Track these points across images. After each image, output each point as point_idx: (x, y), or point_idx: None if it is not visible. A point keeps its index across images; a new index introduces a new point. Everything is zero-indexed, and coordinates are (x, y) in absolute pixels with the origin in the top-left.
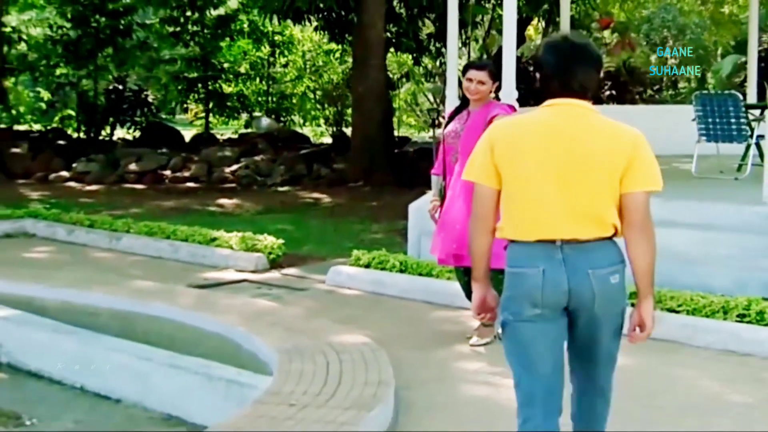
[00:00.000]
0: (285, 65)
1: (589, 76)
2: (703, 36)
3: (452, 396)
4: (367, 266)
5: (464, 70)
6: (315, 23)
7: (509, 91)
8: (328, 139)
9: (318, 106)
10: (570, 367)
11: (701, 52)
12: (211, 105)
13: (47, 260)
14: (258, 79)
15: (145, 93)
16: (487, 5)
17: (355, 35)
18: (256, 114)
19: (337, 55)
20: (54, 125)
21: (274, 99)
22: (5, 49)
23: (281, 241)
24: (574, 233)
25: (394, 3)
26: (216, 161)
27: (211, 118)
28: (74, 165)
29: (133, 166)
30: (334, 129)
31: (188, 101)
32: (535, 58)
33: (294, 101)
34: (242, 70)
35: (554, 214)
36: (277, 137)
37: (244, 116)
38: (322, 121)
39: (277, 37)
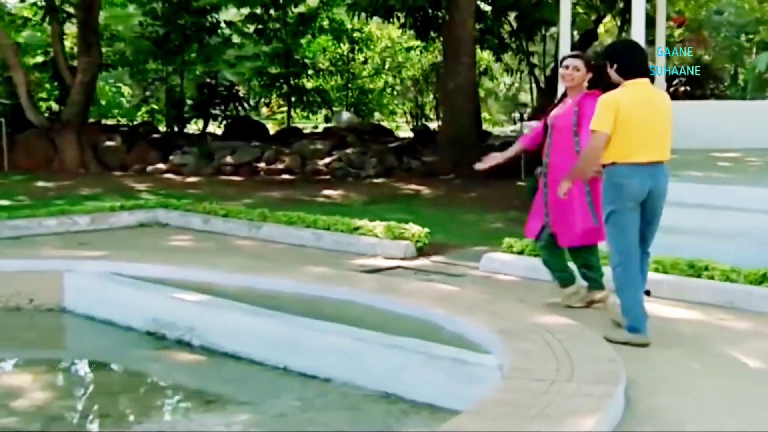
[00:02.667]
0: (364, 61)
1: (648, 65)
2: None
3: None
4: (520, 253)
5: (561, 61)
6: (402, 20)
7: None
8: (405, 133)
9: (396, 101)
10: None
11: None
12: (293, 100)
13: (194, 248)
14: (338, 75)
15: (236, 88)
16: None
17: (445, 32)
18: (336, 108)
19: (417, 51)
20: (140, 119)
21: (354, 94)
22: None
23: (427, 230)
24: (657, 157)
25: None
26: (308, 154)
27: (291, 113)
28: (171, 158)
29: (228, 159)
30: (415, 123)
31: (271, 96)
32: (613, 54)
33: (372, 96)
34: (322, 65)
35: (651, 146)
36: (363, 131)
37: (324, 111)
38: (401, 115)
39: (356, 34)
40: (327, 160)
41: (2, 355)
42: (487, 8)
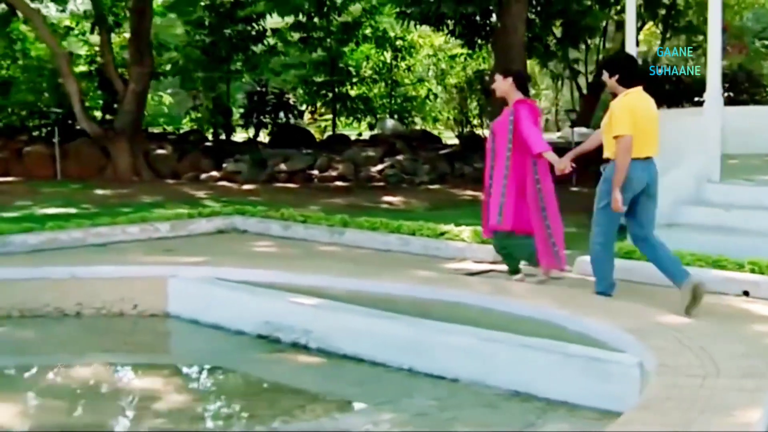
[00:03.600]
0: (409, 68)
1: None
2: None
3: None
4: None
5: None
6: (451, 28)
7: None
8: (449, 140)
9: (440, 109)
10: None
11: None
12: (337, 107)
13: (282, 254)
14: (382, 83)
15: (286, 96)
16: (610, 11)
17: (496, 40)
18: (380, 116)
19: (462, 59)
20: (186, 127)
21: (397, 101)
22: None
23: None
24: (653, 153)
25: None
26: (361, 161)
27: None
28: (224, 165)
29: (282, 166)
30: (460, 130)
31: (316, 104)
32: (615, 66)
33: (416, 104)
34: (366, 73)
35: (650, 144)
36: (411, 138)
37: (368, 118)
38: (444, 122)
39: (398, 42)
40: (380, 166)
41: (122, 360)
42: (535, 16)
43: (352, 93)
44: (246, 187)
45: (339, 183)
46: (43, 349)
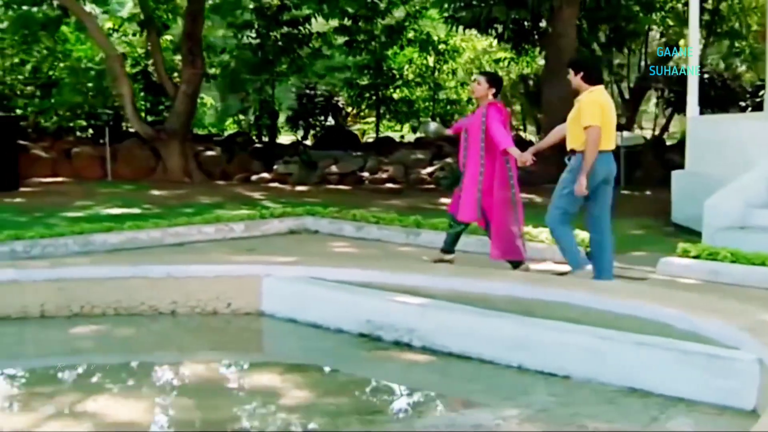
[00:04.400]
0: (453, 72)
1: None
2: None
3: None
4: (696, 257)
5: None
6: (499, 32)
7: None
8: None
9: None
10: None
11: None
12: (381, 110)
13: (362, 254)
14: (425, 86)
15: (336, 99)
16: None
17: (547, 44)
18: (423, 119)
19: (505, 63)
20: (228, 130)
21: (440, 104)
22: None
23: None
24: (613, 146)
25: None
26: (410, 163)
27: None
28: (275, 167)
29: (333, 168)
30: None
31: (361, 106)
32: (583, 65)
33: (459, 107)
34: (409, 76)
35: (611, 137)
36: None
37: (411, 121)
38: None
39: (441, 46)
40: (429, 169)
41: (228, 358)
42: (583, 21)
43: (396, 96)
44: (298, 188)
45: (389, 185)
46: (144, 347)
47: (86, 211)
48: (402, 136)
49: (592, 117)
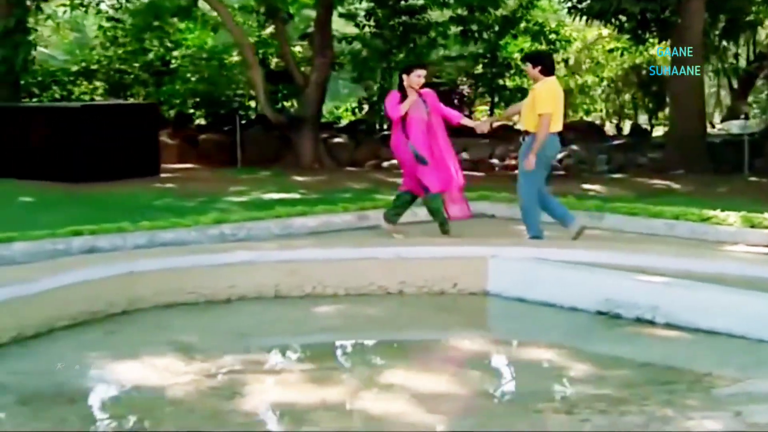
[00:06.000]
0: (566, 61)
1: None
2: None
3: None
4: None
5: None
6: (623, 22)
7: None
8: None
9: (594, 101)
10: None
11: None
12: (496, 99)
13: (557, 236)
14: None
15: (460, 87)
16: None
17: (673, 36)
18: None
19: (618, 53)
20: (345, 118)
21: None
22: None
23: None
24: (560, 128)
25: None
26: None
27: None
28: None
29: (464, 155)
30: (618, 122)
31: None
32: (539, 59)
33: (572, 96)
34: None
35: (560, 121)
36: (577, 128)
37: None
38: (598, 114)
39: (552, 36)
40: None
41: (477, 335)
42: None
43: (510, 85)
44: None
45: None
46: (393, 325)
47: (247, 196)
48: (514, 124)
49: (546, 105)
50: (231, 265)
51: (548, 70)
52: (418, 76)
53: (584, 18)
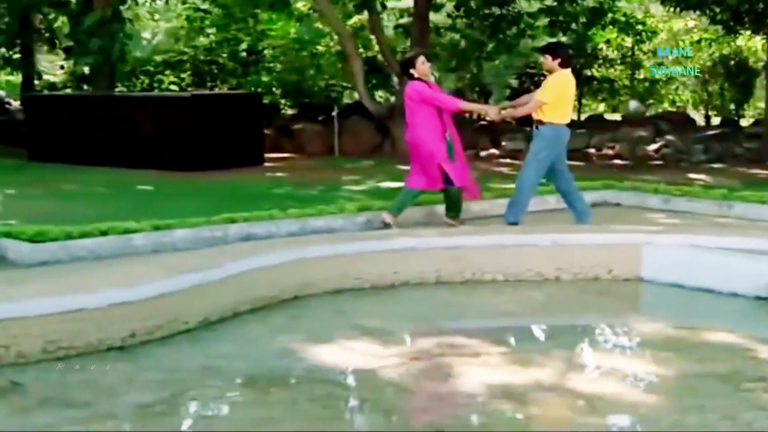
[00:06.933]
0: (654, 52)
1: None
2: None
3: None
4: None
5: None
6: (716, 13)
7: None
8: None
9: (680, 91)
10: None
11: None
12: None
13: (693, 224)
14: (624, 66)
15: None
16: None
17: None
18: (622, 98)
19: (706, 44)
20: None
21: (641, 84)
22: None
23: None
24: (569, 119)
25: None
26: (634, 140)
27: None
28: (503, 143)
29: None
30: (705, 112)
31: None
32: (559, 51)
33: (660, 86)
34: (608, 56)
35: (570, 112)
36: (669, 119)
37: (613, 99)
38: (685, 104)
39: (638, 27)
40: (653, 146)
41: (644, 319)
42: None
43: (597, 75)
44: None
45: (618, 161)
46: (563, 309)
47: (364, 185)
48: (601, 115)
49: (548, 95)
50: (395, 251)
51: (566, 62)
52: (423, 63)
53: (678, 9)
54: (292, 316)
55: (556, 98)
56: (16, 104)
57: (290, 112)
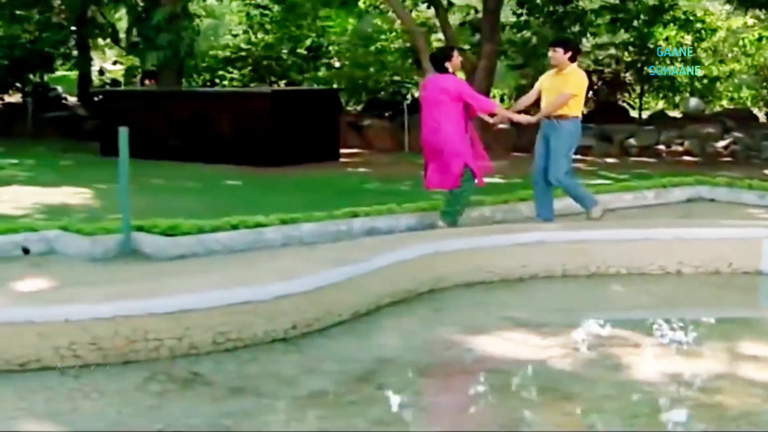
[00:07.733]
0: (714, 50)
1: None
2: None
3: None
4: None
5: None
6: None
7: None
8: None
9: (740, 88)
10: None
11: None
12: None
13: None
14: (684, 63)
15: (623, 75)
16: None
17: None
18: (682, 95)
19: (766, 41)
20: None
21: (701, 81)
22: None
23: None
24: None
25: None
26: (702, 137)
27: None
28: None
29: (631, 141)
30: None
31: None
32: (570, 45)
33: (721, 83)
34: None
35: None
36: (734, 116)
37: (674, 96)
38: (745, 101)
39: (697, 25)
40: (722, 143)
41: None
42: None
43: (658, 72)
44: (609, 160)
45: (687, 158)
46: (691, 302)
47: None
48: (663, 111)
49: (576, 88)
50: (524, 245)
51: (575, 57)
52: (457, 57)
53: (745, 6)
54: (435, 309)
55: (579, 91)
56: (72, 100)
57: (354, 107)
